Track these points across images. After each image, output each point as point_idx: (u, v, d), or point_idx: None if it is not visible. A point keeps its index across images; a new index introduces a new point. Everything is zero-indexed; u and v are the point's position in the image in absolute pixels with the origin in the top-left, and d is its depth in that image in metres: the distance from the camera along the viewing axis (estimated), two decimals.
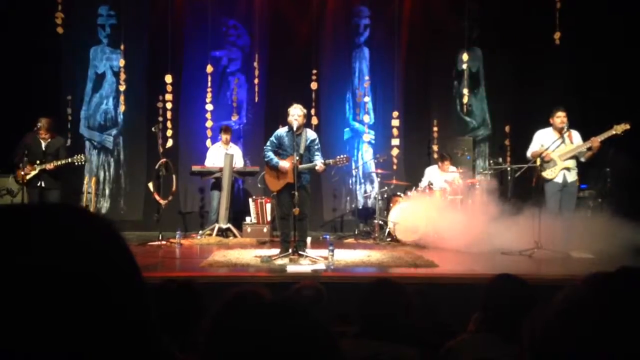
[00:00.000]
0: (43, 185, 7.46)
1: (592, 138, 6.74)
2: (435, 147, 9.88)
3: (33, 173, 7.42)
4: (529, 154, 7.14)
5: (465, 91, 9.75)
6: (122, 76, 9.36)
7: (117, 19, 9.81)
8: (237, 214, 8.84)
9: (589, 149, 6.79)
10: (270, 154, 6.29)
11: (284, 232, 6.37)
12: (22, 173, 7.38)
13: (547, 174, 6.86)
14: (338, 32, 10.19)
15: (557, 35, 8.68)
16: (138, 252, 6.69)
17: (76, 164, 7.58)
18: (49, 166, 7.43)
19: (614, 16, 8.60)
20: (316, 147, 6.27)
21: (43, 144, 7.57)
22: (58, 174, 7.62)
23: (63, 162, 7.65)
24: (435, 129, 10.06)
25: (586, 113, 8.18)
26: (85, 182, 9.14)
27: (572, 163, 6.90)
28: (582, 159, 6.91)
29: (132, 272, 0.71)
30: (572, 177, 6.90)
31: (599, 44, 8.73)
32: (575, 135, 6.98)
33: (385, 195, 8.81)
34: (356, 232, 9.05)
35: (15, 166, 7.50)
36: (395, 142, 9.64)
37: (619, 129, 6.63)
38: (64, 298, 0.62)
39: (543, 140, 6.99)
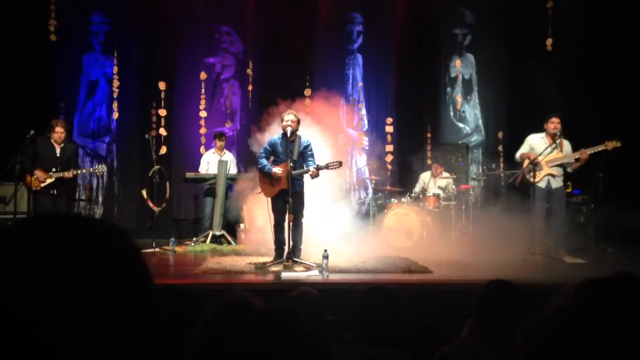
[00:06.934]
0: (55, 193, 7.01)
1: (582, 150, 6.76)
2: (429, 153, 9.90)
3: (49, 181, 6.96)
4: (517, 155, 7.15)
5: (459, 97, 9.79)
6: (116, 83, 9.34)
7: (110, 26, 9.80)
8: (231, 221, 8.80)
9: (577, 159, 6.79)
10: (264, 161, 6.25)
11: (278, 239, 6.33)
12: (36, 180, 6.92)
13: (530, 176, 6.85)
14: (331, 38, 10.21)
15: (549, 41, 8.73)
16: None
17: (97, 174, 7.31)
18: (68, 174, 7.01)
19: (605, 23, 8.66)
20: (309, 152, 6.24)
21: (57, 150, 7.11)
22: (72, 181, 7.32)
23: (84, 171, 7.39)
24: (428, 135, 10.08)
25: (578, 120, 8.22)
26: (78, 189, 9.10)
27: (557, 170, 6.90)
28: (569, 169, 6.94)
29: (148, 279, 0.74)
30: (557, 183, 6.89)
31: (591, 50, 8.78)
32: (566, 144, 6.98)
33: (380, 202, 8.80)
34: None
35: (23, 173, 6.94)
36: (389, 148, 9.65)
37: (609, 145, 6.65)
38: (99, 302, 0.66)
39: (534, 144, 7.01)
